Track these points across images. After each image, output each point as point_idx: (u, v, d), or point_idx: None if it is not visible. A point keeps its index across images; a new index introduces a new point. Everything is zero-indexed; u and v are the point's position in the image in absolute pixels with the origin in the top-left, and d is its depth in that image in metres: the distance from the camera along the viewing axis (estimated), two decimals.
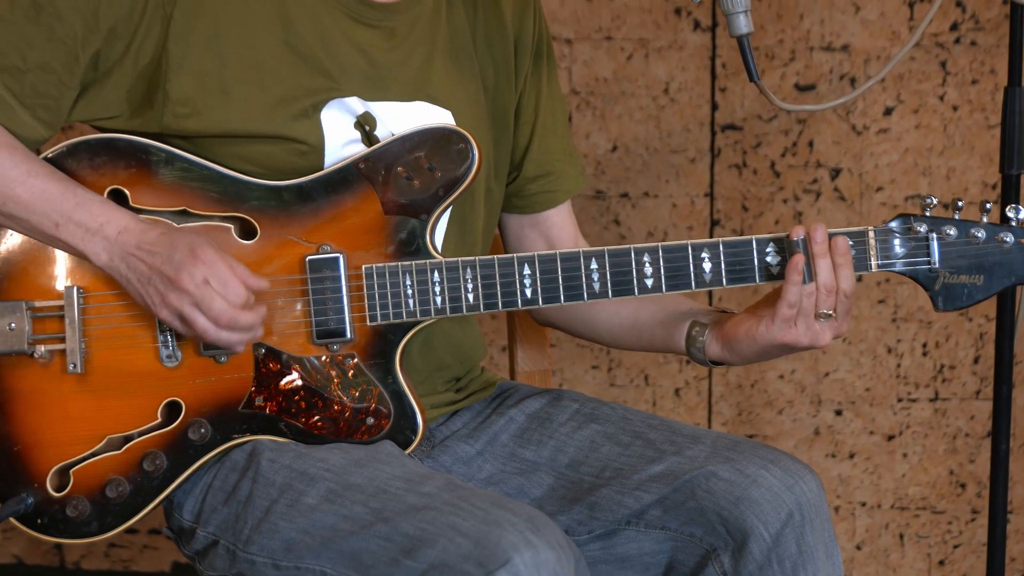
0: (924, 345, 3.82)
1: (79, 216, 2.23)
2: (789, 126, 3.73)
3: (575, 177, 2.65)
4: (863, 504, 3.88)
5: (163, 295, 2.21)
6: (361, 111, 2.35)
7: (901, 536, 3.89)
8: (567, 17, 3.67)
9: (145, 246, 2.21)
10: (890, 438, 3.86)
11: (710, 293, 3.74)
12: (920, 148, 3.73)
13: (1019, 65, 2.95)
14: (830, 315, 2.28)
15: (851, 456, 3.87)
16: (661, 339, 2.50)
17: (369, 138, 2.36)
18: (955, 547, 3.88)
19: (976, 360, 3.83)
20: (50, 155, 2.31)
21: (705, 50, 3.70)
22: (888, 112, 3.73)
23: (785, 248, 2.30)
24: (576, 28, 3.68)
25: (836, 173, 3.75)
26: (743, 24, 2.39)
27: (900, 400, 3.84)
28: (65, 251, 2.29)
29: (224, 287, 2.19)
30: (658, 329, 2.50)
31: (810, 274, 2.26)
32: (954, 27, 3.68)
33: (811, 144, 3.74)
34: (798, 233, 2.26)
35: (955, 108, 3.72)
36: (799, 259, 2.26)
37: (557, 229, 2.65)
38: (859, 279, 3.76)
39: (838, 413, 3.85)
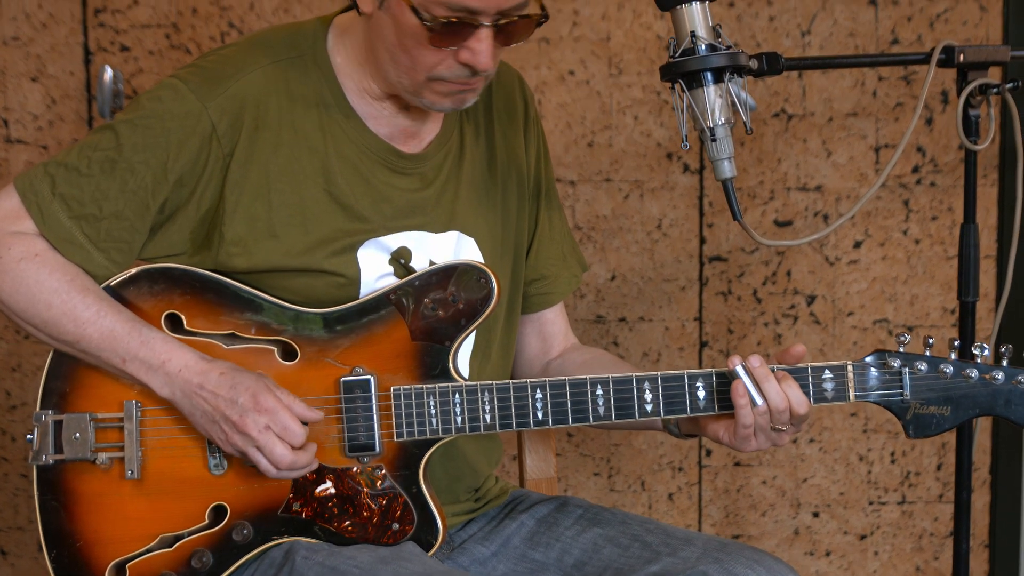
0: (892, 454, 3.80)
1: (143, 353, 2.26)
2: (769, 257, 3.74)
3: (568, 280, 2.65)
4: None
5: (228, 435, 2.23)
6: (396, 247, 2.37)
7: None
8: (571, 162, 3.69)
9: (208, 386, 2.23)
10: (862, 537, 3.84)
11: None
12: (886, 277, 3.74)
13: (973, 204, 2.96)
14: (783, 429, 2.27)
15: (827, 554, 3.85)
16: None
17: (405, 269, 2.37)
18: None
19: (939, 467, 3.81)
20: (114, 283, 2.32)
21: (694, 190, 3.71)
22: (857, 245, 3.74)
23: (729, 379, 2.28)
24: (579, 171, 3.70)
25: (812, 300, 3.75)
26: (727, 169, 2.39)
27: (871, 503, 3.82)
28: (132, 383, 2.30)
29: (284, 432, 2.21)
30: None
31: (760, 396, 2.24)
32: (915, 170, 3.70)
33: (789, 274, 3.74)
34: (734, 362, 2.25)
35: (917, 242, 3.73)
36: (738, 384, 2.24)
37: (550, 325, 2.66)
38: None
39: (815, 515, 3.83)
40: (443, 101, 2.29)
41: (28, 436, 2.33)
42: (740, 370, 2.24)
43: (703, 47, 2.33)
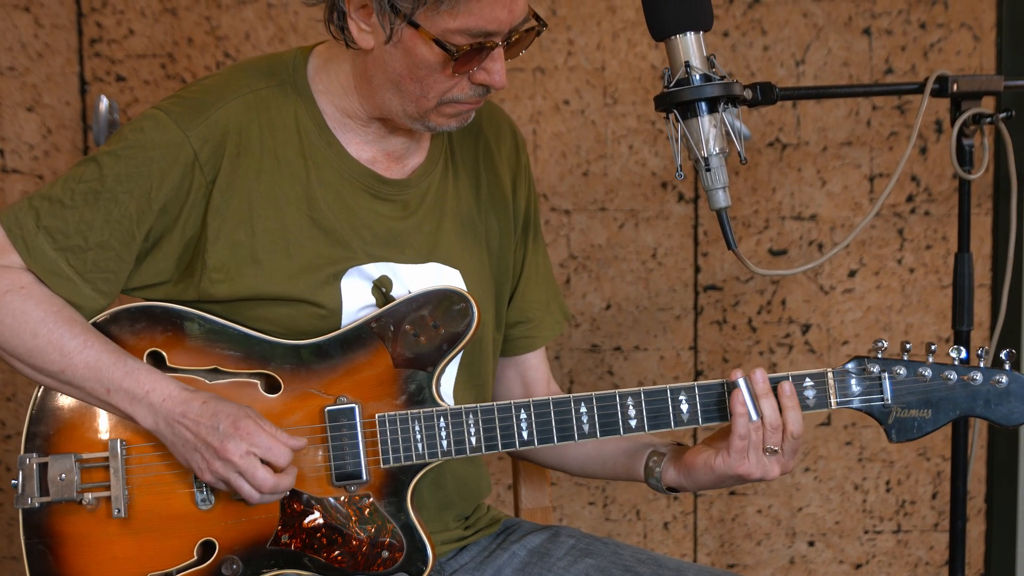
0: (887, 482, 3.79)
1: (127, 384, 2.24)
2: (764, 286, 3.73)
3: (552, 325, 2.64)
4: None
5: (209, 462, 2.21)
6: (378, 276, 2.36)
7: None
8: (566, 191, 3.69)
9: (190, 415, 2.22)
10: (858, 567, 3.83)
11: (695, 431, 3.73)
12: (881, 306, 3.73)
13: (968, 233, 2.97)
14: (776, 451, 2.26)
15: None
16: (624, 468, 2.48)
17: (386, 298, 2.36)
18: None
19: (934, 496, 3.80)
20: (95, 322, 2.32)
21: (689, 219, 3.71)
22: (852, 274, 3.73)
23: (727, 389, 2.30)
24: (574, 201, 3.69)
25: (806, 328, 3.74)
26: (721, 199, 2.38)
27: (867, 532, 3.81)
28: (115, 414, 2.29)
29: (268, 453, 2.20)
30: (621, 458, 2.48)
31: (756, 411, 2.25)
32: (910, 199, 3.70)
33: (784, 303, 3.73)
34: (736, 375, 2.26)
35: (912, 271, 3.72)
36: (738, 394, 2.25)
37: (532, 370, 2.65)
38: (828, 421, 3.75)
39: (811, 544, 3.82)
40: (450, 122, 2.30)
41: (13, 481, 2.33)
42: (742, 382, 2.26)
43: (697, 77, 2.33)
